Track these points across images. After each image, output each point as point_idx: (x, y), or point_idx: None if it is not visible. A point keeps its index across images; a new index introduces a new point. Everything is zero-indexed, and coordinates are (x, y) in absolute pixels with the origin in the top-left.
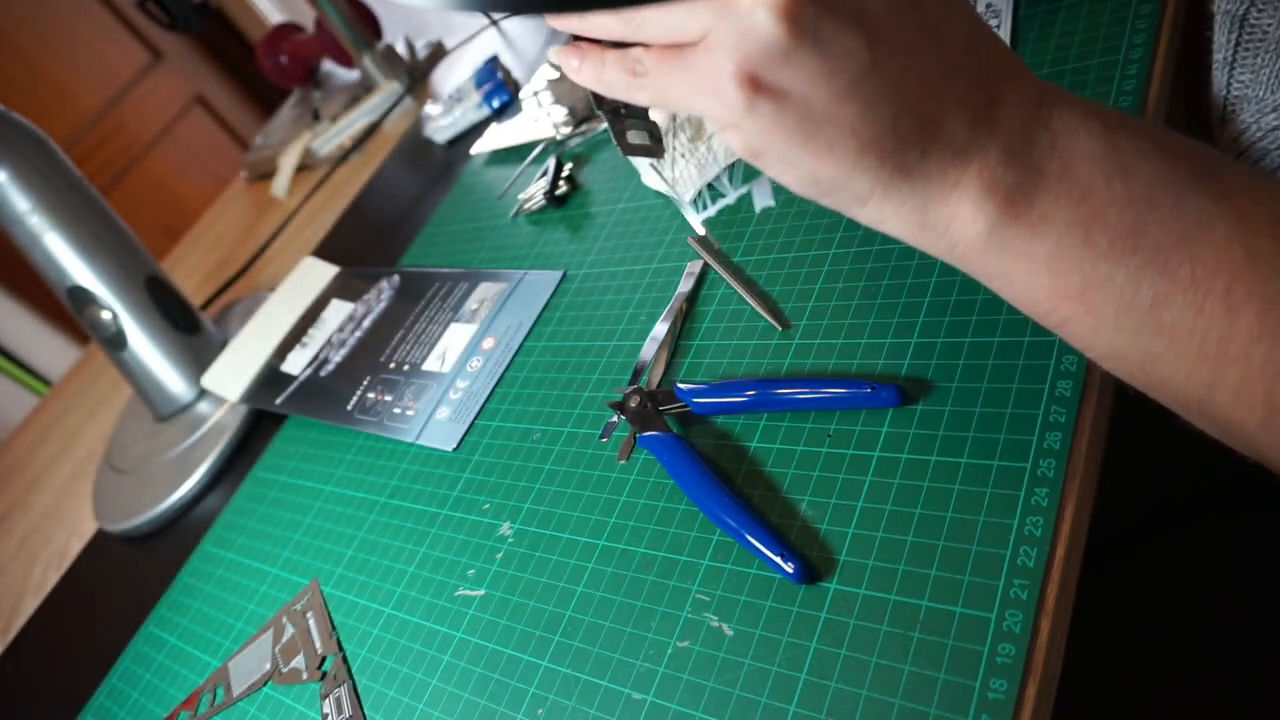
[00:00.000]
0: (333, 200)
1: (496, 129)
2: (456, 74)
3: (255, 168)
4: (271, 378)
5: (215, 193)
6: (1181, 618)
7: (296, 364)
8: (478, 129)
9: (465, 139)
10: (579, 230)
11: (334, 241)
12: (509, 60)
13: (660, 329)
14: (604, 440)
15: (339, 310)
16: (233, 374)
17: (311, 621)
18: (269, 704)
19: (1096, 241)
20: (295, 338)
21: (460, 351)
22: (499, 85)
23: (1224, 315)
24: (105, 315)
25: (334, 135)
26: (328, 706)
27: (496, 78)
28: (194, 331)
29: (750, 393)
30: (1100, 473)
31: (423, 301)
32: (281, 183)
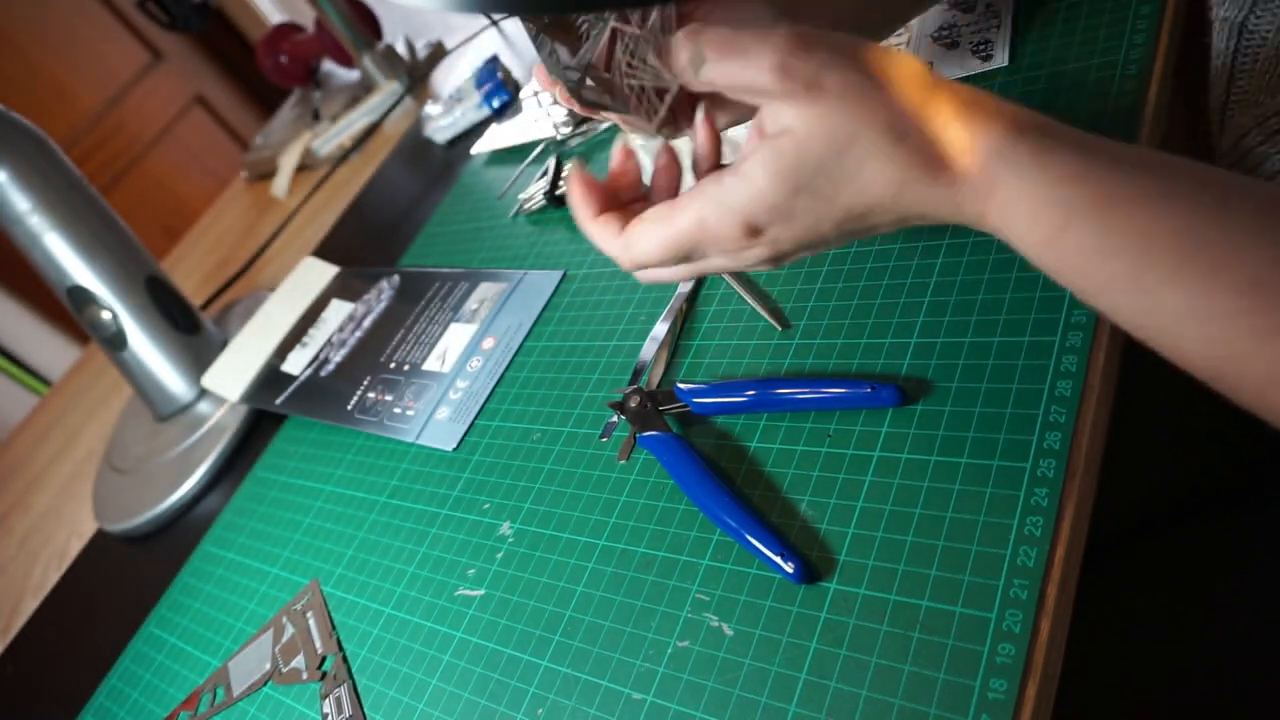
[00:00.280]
0: (333, 200)
1: (496, 129)
2: (456, 74)
3: (255, 168)
4: (271, 378)
5: (215, 193)
6: (1181, 618)
7: (296, 364)
8: (478, 129)
9: (465, 139)
10: (579, 230)
11: (334, 241)
12: (509, 60)
13: (660, 329)
14: (604, 440)
15: (339, 310)
16: (233, 374)
17: (311, 621)
18: (269, 704)
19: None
20: (295, 338)
21: (460, 351)
22: (499, 85)
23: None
24: (105, 315)
25: (334, 135)
26: (328, 706)
27: (496, 78)
28: (194, 331)
29: (750, 393)
30: (1100, 473)
31: (423, 301)
32: (281, 183)
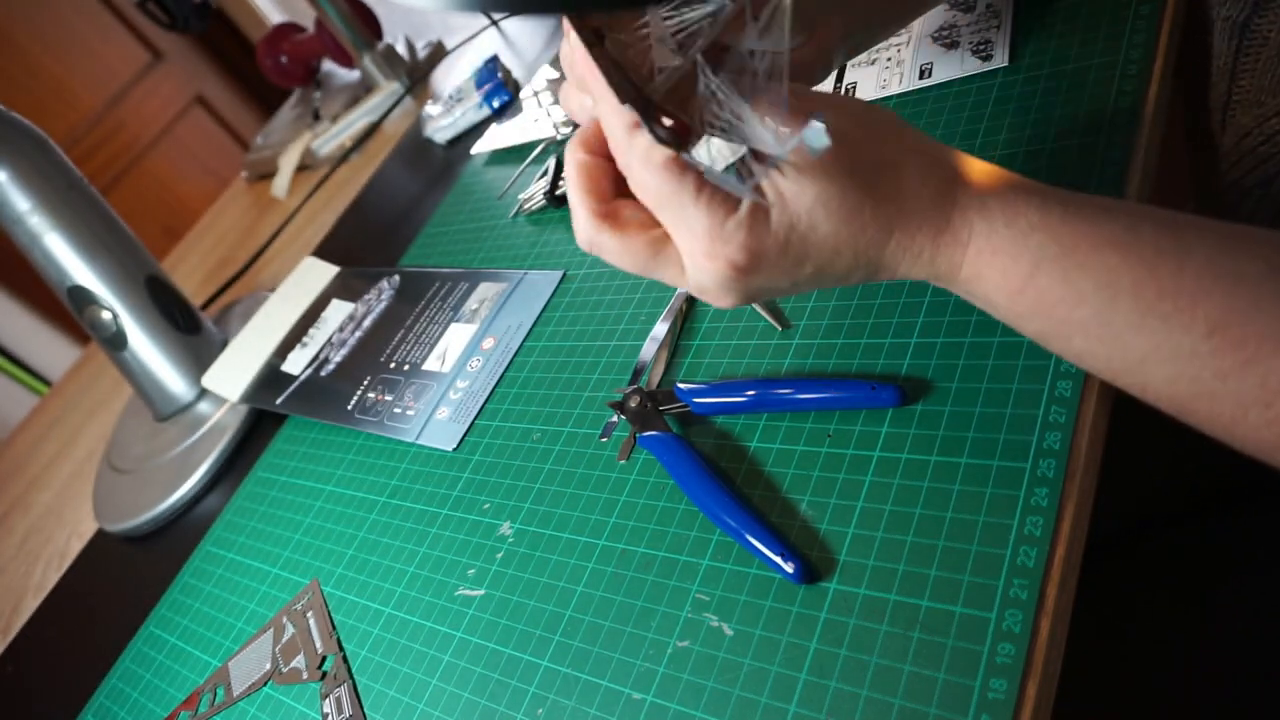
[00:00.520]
0: (333, 200)
1: (496, 129)
2: (456, 74)
3: (255, 168)
4: (272, 378)
5: (215, 193)
6: (1181, 618)
7: (297, 364)
8: (478, 129)
9: (465, 139)
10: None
11: (334, 241)
12: (509, 60)
13: (660, 329)
14: (604, 440)
15: (339, 310)
16: (233, 374)
17: (312, 621)
18: (269, 704)
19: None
20: (295, 338)
21: (460, 351)
22: (499, 85)
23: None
24: (105, 315)
25: (334, 135)
26: (328, 706)
27: (496, 78)
28: (194, 331)
29: (750, 393)
30: (1100, 473)
31: (423, 301)
32: (281, 183)
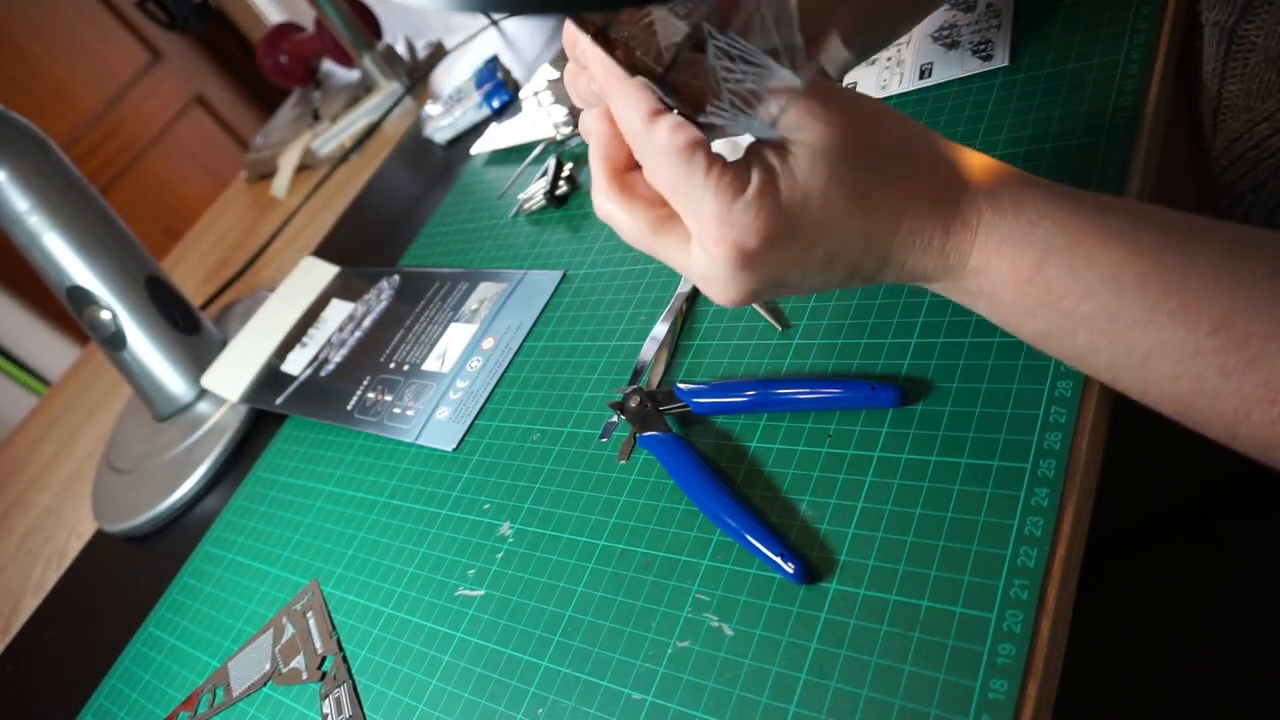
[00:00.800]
0: (333, 200)
1: (496, 129)
2: (456, 74)
3: (255, 168)
4: (271, 378)
5: (215, 193)
6: (1181, 618)
7: (296, 364)
8: (478, 129)
9: (465, 139)
10: (579, 230)
11: (334, 241)
12: (509, 60)
13: (660, 329)
14: (604, 440)
15: (339, 310)
16: (233, 374)
17: (311, 621)
18: (269, 704)
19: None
20: (295, 338)
21: (460, 351)
22: (499, 85)
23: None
24: (105, 315)
25: (334, 135)
26: (328, 706)
27: (496, 78)
28: (194, 331)
29: (750, 393)
30: (1100, 473)
31: (423, 301)
32: (281, 183)
